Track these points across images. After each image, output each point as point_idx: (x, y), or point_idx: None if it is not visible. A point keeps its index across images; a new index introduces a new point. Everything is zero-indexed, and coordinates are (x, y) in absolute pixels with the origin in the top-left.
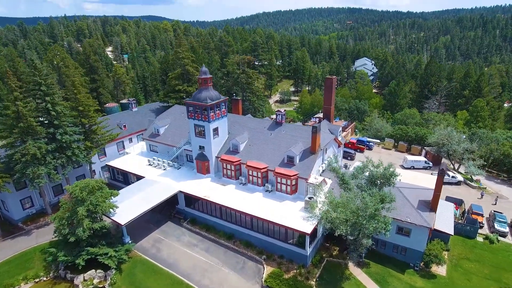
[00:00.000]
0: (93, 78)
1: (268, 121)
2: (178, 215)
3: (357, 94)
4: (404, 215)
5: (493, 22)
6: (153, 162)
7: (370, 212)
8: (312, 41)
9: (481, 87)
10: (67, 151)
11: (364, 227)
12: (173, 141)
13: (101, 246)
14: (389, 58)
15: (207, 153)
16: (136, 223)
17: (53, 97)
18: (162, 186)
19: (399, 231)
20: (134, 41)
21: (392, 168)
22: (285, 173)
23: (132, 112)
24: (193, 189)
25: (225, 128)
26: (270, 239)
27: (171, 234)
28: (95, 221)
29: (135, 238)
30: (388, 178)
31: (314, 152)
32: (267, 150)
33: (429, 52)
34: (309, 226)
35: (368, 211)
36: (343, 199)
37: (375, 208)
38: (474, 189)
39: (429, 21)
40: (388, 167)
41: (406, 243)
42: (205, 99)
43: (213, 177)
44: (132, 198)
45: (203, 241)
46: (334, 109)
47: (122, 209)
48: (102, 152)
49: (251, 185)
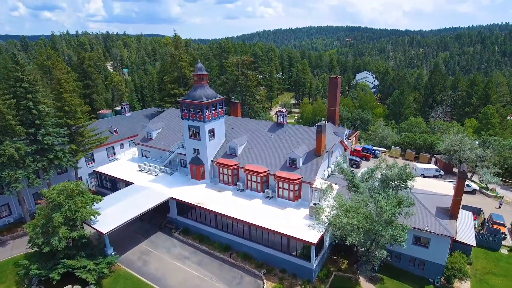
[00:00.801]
0: (86, 84)
1: (269, 123)
2: (169, 225)
3: (359, 104)
4: (421, 223)
5: (491, 38)
6: (144, 168)
7: (387, 217)
8: (312, 56)
9: (489, 95)
10: (49, 153)
11: (380, 234)
12: (166, 145)
13: (79, 258)
14: (390, 71)
15: (202, 156)
16: (122, 233)
17: (36, 95)
18: (152, 192)
19: (416, 241)
20: (134, 55)
21: (409, 169)
22: (288, 177)
23: (125, 117)
24: (186, 195)
25: (222, 130)
26: (271, 250)
27: (160, 245)
28: (73, 229)
29: (120, 249)
30: (404, 179)
31: (319, 154)
32: (267, 153)
33: (428, 68)
34: (315, 235)
35: (384, 216)
36: (354, 203)
37: (392, 212)
38: (491, 198)
39: (428, 38)
40: (404, 167)
41: (424, 255)
42: (200, 97)
43: (208, 183)
44: (117, 205)
45: (196, 253)
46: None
47: (105, 216)
48: (90, 157)
49: (249, 191)
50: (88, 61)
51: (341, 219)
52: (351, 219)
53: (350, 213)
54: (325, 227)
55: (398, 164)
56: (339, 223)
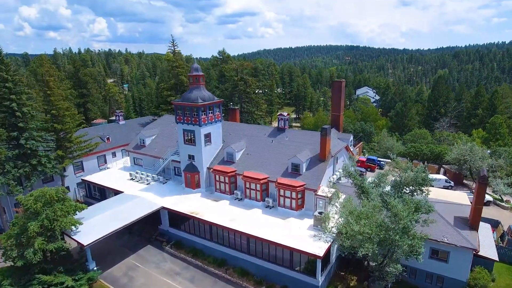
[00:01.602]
0: (81, 93)
1: (269, 128)
2: (161, 238)
3: (362, 116)
4: (439, 233)
5: (489, 55)
6: (135, 176)
7: (404, 224)
8: (312, 72)
9: (495, 105)
10: (32, 159)
11: (396, 245)
12: (160, 152)
13: (57, 274)
14: (391, 86)
15: (197, 163)
16: (107, 246)
17: (21, 96)
18: (142, 201)
19: (434, 255)
20: (135, 70)
21: (425, 172)
22: (290, 184)
23: (119, 125)
24: (179, 205)
25: (219, 136)
26: (271, 265)
27: (149, 260)
28: (51, 240)
29: (104, 264)
30: (420, 184)
31: (323, 160)
32: (267, 159)
33: (428, 84)
34: (321, 247)
35: (401, 223)
36: (366, 209)
37: (410, 219)
38: (507, 210)
39: (426, 55)
40: (420, 169)
41: (443, 271)
42: (196, 99)
43: (203, 192)
44: (103, 214)
45: (188, 268)
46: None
47: (88, 227)
48: (80, 166)
49: (248, 200)
50: (83, 69)
51: (352, 227)
52: (363, 227)
53: (362, 220)
54: (332, 237)
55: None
56: (349, 231)
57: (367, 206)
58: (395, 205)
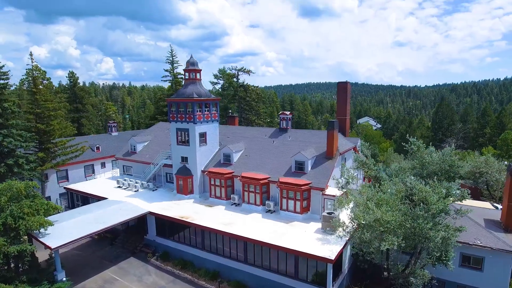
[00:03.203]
0: (76, 108)
1: (270, 129)
2: (146, 249)
3: (365, 139)
4: (471, 236)
5: (486, 89)
6: (122, 183)
7: (436, 209)
8: (313, 104)
9: (504, 123)
10: (9, 159)
11: (427, 237)
12: (152, 158)
13: (18, 284)
14: (392, 115)
15: (190, 166)
16: (84, 258)
17: (2, 91)
18: (126, 206)
19: (465, 262)
20: (137, 100)
21: (453, 156)
22: (294, 182)
23: (111, 136)
24: (169, 210)
25: (215, 137)
26: (273, 275)
27: (131, 272)
28: (14, 242)
29: (78, 277)
30: (447, 171)
31: (331, 157)
32: (268, 160)
33: (428, 117)
34: (332, 250)
35: (432, 209)
36: (389, 194)
37: (443, 204)
38: None
39: (424, 90)
40: (447, 152)
41: (477, 281)
42: (191, 94)
43: (197, 198)
44: (79, 217)
45: (175, 282)
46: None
47: (60, 230)
48: (64, 175)
49: (246, 204)
50: (79, 85)
51: (374, 212)
52: (385, 213)
53: (383, 207)
54: (345, 238)
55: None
56: (370, 218)
57: (387, 186)
58: (422, 189)
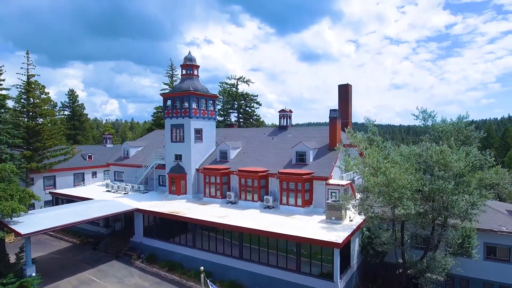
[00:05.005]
0: (73, 125)
1: (269, 128)
2: (131, 252)
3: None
4: (494, 223)
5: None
6: (112, 187)
7: (458, 170)
8: None
9: (508, 144)
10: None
11: (449, 201)
12: (144, 161)
13: None
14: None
15: (184, 164)
16: (61, 261)
17: None
18: (112, 203)
19: (490, 254)
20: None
21: (466, 119)
22: (294, 172)
23: (106, 147)
24: (158, 207)
25: (212, 136)
26: (272, 270)
27: (111, 274)
28: None
29: (51, 277)
30: (462, 142)
31: (334, 148)
32: (267, 156)
33: None
34: (339, 235)
35: (454, 167)
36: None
37: (466, 164)
38: None
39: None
40: (462, 116)
41: (506, 277)
42: (187, 88)
43: (190, 198)
44: (59, 210)
45: (161, 284)
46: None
47: (35, 219)
48: (51, 181)
49: (243, 201)
50: (78, 103)
51: (389, 172)
52: (399, 174)
53: (396, 165)
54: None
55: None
56: (384, 180)
57: (402, 152)
58: (438, 150)
